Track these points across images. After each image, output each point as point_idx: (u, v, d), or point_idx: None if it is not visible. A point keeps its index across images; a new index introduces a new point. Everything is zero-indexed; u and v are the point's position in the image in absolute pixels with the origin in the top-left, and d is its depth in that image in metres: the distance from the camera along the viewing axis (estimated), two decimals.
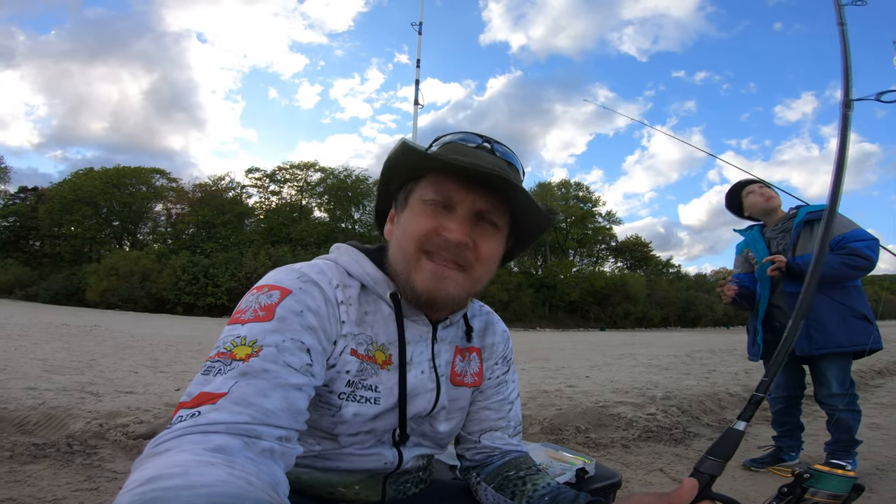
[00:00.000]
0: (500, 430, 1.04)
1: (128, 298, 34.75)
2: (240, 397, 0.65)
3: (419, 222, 0.83)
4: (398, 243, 0.87)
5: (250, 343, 0.71)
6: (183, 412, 0.64)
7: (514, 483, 0.95)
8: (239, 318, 0.76)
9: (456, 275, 0.83)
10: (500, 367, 1.08)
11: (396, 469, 0.93)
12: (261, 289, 0.80)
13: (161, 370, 5.64)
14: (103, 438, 2.70)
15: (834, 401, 2.68)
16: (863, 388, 5.81)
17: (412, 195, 0.87)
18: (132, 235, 48.15)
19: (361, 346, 0.86)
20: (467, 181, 0.82)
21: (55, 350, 6.80)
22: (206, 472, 0.52)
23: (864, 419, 4.10)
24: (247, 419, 0.64)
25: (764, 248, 2.97)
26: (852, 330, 2.64)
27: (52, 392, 3.60)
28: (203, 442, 0.59)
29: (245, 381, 0.67)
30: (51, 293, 36.53)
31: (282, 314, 0.75)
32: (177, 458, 0.55)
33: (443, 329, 0.97)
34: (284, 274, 0.83)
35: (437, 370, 0.95)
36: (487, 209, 0.84)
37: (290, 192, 51.28)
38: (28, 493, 1.99)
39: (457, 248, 0.81)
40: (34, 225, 44.09)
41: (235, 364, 0.68)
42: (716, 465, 0.74)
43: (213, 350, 0.72)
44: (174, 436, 0.60)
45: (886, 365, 7.44)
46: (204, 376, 0.68)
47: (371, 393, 0.86)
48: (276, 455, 0.65)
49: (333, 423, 0.84)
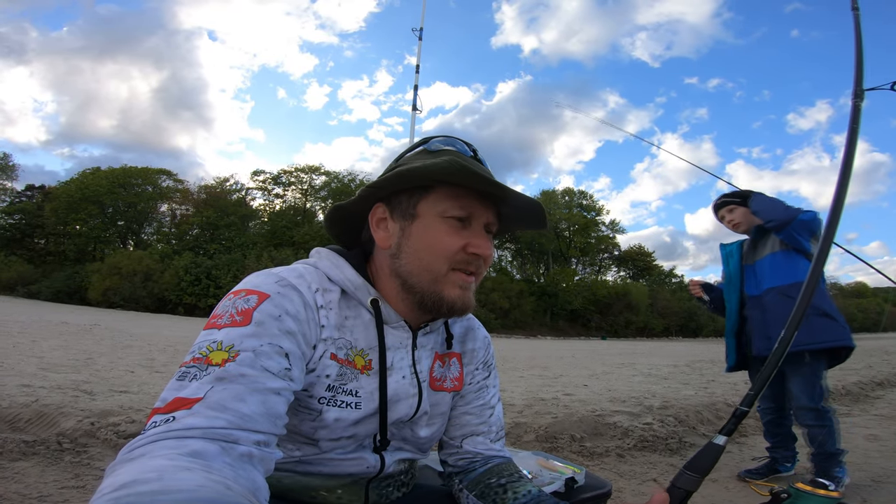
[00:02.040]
0: (482, 434, 1.04)
1: (129, 298, 34.84)
2: (216, 402, 0.64)
3: (448, 239, 0.85)
4: (420, 258, 0.86)
5: (227, 348, 0.70)
6: (157, 417, 0.62)
7: (495, 491, 0.94)
8: (215, 322, 0.74)
9: (473, 283, 0.89)
10: (481, 372, 1.08)
11: (378, 473, 0.93)
12: (238, 293, 0.78)
13: (157, 370, 5.64)
14: (94, 437, 2.69)
15: (802, 415, 2.61)
16: (863, 399, 5.77)
17: (423, 205, 0.87)
18: (136, 235, 48.42)
19: (341, 350, 0.85)
20: (483, 196, 0.87)
21: (53, 348, 6.82)
22: (182, 478, 0.51)
23: (863, 430, 4.08)
24: (223, 424, 0.63)
25: (736, 262, 2.99)
26: (812, 327, 2.53)
27: (46, 390, 3.60)
28: (178, 447, 0.57)
29: (221, 386, 0.66)
30: (53, 291, 36.65)
31: (259, 318, 0.74)
32: (152, 464, 0.53)
33: (423, 335, 0.97)
34: (262, 278, 0.82)
35: (419, 375, 0.94)
36: (492, 221, 0.90)
37: (293, 195, 51.48)
38: (14, 489, 1.99)
39: (484, 261, 0.88)
40: (39, 223, 44.36)
41: (211, 369, 0.67)
42: (692, 480, 0.71)
43: (188, 355, 0.71)
44: (148, 441, 0.59)
45: (887, 377, 7.39)
46: (179, 381, 0.67)
47: (352, 398, 0.85)
48: (255, 460, 0.63)
49: (314, 428, 0.83)
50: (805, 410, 2.58)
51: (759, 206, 2.74)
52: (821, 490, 0.74)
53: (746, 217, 2.91)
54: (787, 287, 2.65)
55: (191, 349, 0.72)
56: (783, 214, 2.62)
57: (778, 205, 2.66)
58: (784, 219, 2.61)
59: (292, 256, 38.33)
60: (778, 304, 2.64)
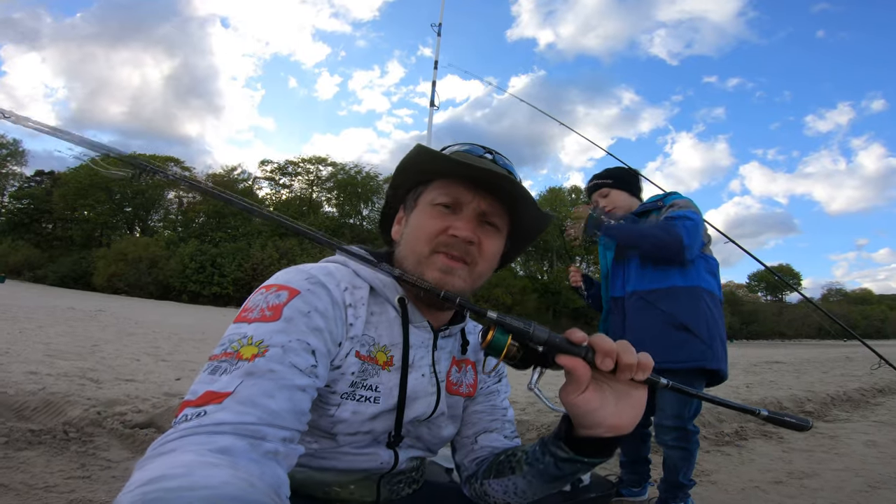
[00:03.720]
0: (496, 431, 1.05)
1: (134, 284, 35.10)
2: (246, 397, 0.65)
3: (429, 223, 0.89)
4: (408, 242, 0.91)
5: (257, 343, 0.71)
6: (188, 411, 0.63)
7: (507, 461, 0.95)
8: (246, 316, 0.75)
9: (462, 269, 0.88)
10: (492, 378, 1.09)
11: (391, 469, 0.94)
12: (269, 288, 0.80)
13: (162, 359, 5.68)
14: (100, 426, 2.71)
15: (664, 432, 2.21)
16: (863, 405, 5.75)
17: (421, 197, 0.93)
18: (143, 222, 48.69)
19: (364, 347, 0.87)
20: (474, 184, 0.89)
21: (59, 334, 6.88)
22: (209, 474, 0.52)
23: (862, 436, 4.07)
24: (253, 420, 0.63)
25: (612, 256, 2.51)
26: (667, 343, 2.13)
27: (53, 377, 3.64)
28: (208, 443, 0.59)
29: (251, 381, 0.66)
30: (59, 276, 36.97)
31: (289, 315, 0.75)
32: (181, 459, 0.55)
33: (443, 338, 0.99)
34: (293, 274, 0.83)
35: (438, 375, 0.96)
36: (490, 211, 0.90)
37: (300, 185, 51.56)
38: (20, 479, 2.01)
39: (465, 244, 0.87)
40: (47, 208, 44.71)
41: (241, 364, 0.68)
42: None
43: (218, 348, 0.72)
44: (179, 436, 0.60)
45: (888, 384, 7.35)
46: (210, 375, 0.68)
47: (371, 392, 0.86)
48: (280, 456, 0.64)
49: (332, 423, 0.84)
50: (668, 429, 2.19)
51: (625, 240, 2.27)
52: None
53: (625, 201, 2.47)
54: (651, 293, 2.23)
55: (220, 342, 0.73)
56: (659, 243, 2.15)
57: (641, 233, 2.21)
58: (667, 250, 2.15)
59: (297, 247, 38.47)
60: (638, 311, 2.25)
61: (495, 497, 0.96)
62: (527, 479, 0.90)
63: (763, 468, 3.18)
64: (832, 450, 3.68)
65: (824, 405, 5.46)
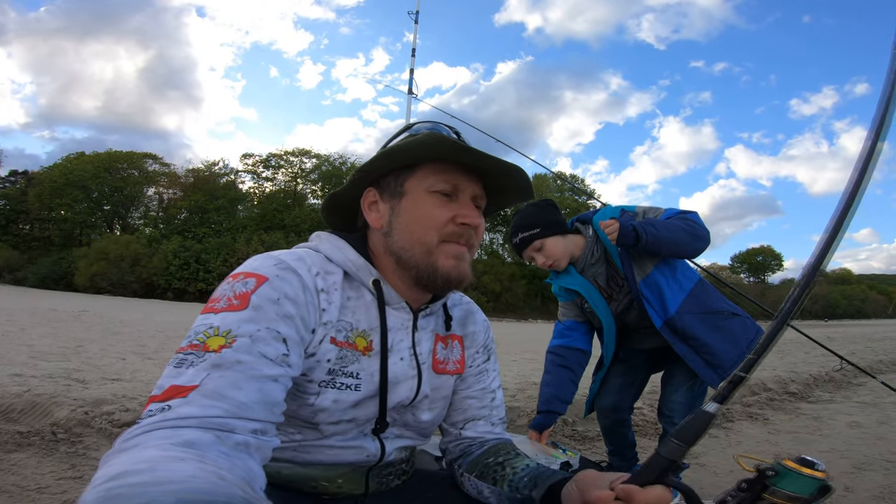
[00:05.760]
0: (483, 419, 1.05)
1: (117, 283, 34.43)
2: (212, 390, 0.64)
3: (437, 211, 0.88)
4: (412, 231, 0.89)
5: (224, 333, 0.69)
6: (153, 406, 0.62)
7: (493, 469, 0.95)
8: (213, 306, 0.74)
9: (467, 253, 0.91)
10: (481, 355, 1.09)
11: (379, 462, 0.93)
12: (237, 276, 0.78)
13: (149, 357, 5.61)
14: (88, 426, 2.68)
15: (676, 408, 2.14)
16: (845, 386, 5.88)
17: (408, 183, 0.90)
18: (123, 220, 47.70)
19: (341, 333, 0.85)
20: (468, 170, 0.90)
21: (42, 335, 6.75)
22: (174, 468, 0.51)
23: (845, 417, 4.18)
24: (219, 413, 0.62)
25: (600, 298, 2.18)
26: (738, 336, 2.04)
27: (38, 379, 3.57)
28: (172, 437, 0.58)
29: (218, 373, 0.65)
30: (39, 277, 36.13)
31: (257, 302, 0.73)
32: (145, 454, 0.54)
33: (423, 318, 0.98)
34: (262, 261, 0.81)
35: (419, 358, 0.95)
36: (479, 195, 0.93)
37: (284, 178, 50.94)
38: (12, 481, 1.98)
39: (474, 231, 0.90)
40: (24, 209, 43.52)
41: (208, 356, 0.67)
42: (677, 449, 0.69)
43: (184, 341, 0.70)
44: (142, 431, 0.59)
45: (870, 363, 7.53)
46: (175, 368, 0.66)
47: (351, 380, 0.85)
48: (252, 448, 0.64)
49: (313, 412, 0.83)
50: (681, 405, 2.13)
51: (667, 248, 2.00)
52: (807, 469, 0.73)
53: (565, 246, 2.15)
54: (690, 298, 2.09)
55: (187, 334, 0.71)
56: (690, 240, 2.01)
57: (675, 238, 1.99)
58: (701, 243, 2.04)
59: (282, 240, 38.06)
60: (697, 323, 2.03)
61: (468, 490, 0.98)
62: (500, 498, 0.91)
63: (750, 450, 3.25)
64: (816, 431, 3.76)
65: (807, 386, 5.57)
